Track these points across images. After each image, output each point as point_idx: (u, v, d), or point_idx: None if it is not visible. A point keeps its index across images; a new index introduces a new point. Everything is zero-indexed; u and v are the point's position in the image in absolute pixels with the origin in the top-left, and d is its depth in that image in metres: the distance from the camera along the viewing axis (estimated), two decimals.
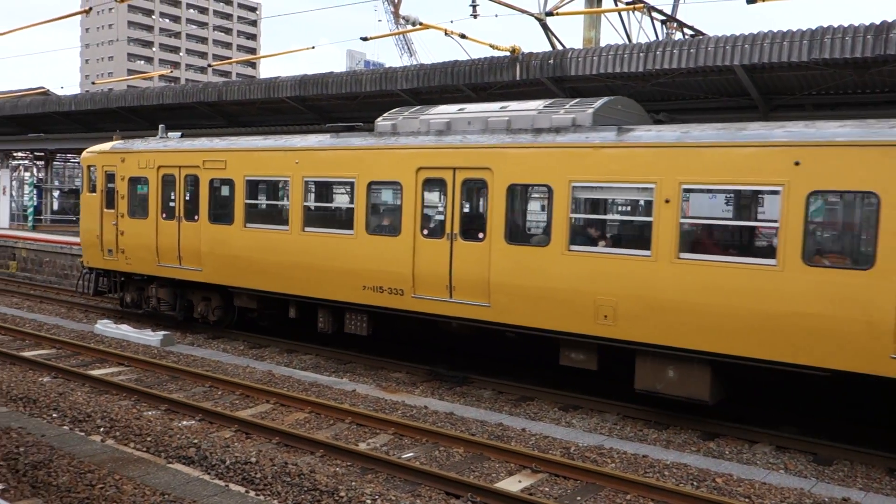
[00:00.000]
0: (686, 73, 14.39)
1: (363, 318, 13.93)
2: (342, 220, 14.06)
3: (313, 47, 23.58)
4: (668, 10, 21.82)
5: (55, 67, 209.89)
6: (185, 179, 16.24)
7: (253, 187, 15.26)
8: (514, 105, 12.50)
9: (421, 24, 15.88)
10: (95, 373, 13.03)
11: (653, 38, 20.26)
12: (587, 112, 11.46)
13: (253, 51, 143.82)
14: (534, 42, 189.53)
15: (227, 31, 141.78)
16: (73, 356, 14.49)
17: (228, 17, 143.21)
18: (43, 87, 33.35)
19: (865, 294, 9.09)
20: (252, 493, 8.10)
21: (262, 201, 15.54)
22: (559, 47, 18.12)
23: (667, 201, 10.32)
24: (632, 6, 17.11)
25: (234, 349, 15.69)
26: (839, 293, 9.24)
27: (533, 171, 11.59)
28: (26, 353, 14.21)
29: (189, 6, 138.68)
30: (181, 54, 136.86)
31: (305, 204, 14.24)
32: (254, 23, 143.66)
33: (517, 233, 12.13)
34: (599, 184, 11.10)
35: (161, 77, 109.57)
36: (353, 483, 8.47)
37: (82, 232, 18.75)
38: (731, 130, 10.16)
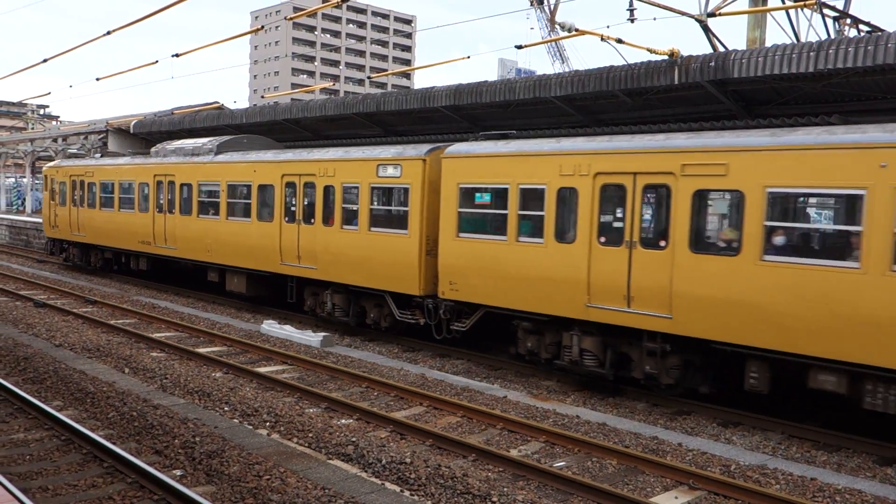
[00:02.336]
0: (862, 73, 13.42)
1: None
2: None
3: (468, 57, 23.90)
4: (841, 6, 20.45)
5: (227, 83, 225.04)
6: (86, 184, 26.91)
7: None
8: None
9: (577, 30, 15.72)
10: (262, 370, 13.81)
11: (823, 36, 19.06)
12: None
13: (408, 62, 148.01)
14: (694, 45, 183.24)
15: (384, 44, 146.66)
16: (242, 353, 15.43)
17: (385, 30, 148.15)
18: (217, 102, 35.75)
19: None
20: (407, 493, 8.29)
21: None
22: (721, 49, 17.41)
23: None
24: (801, 3, 16.17)
25: (388, 352, 16.15)
26: None
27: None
28: (201, 350, 15.28)
29: (349, 21, 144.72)
30: (341, 67, 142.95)
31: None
32: (409, 35, 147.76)
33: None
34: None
35: (322, 90, 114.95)
36: (505, 489, 8.49)
37: (43, 216, 30.51)
38: None
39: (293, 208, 18.28)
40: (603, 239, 12.45)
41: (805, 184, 10.42)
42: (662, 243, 11.71)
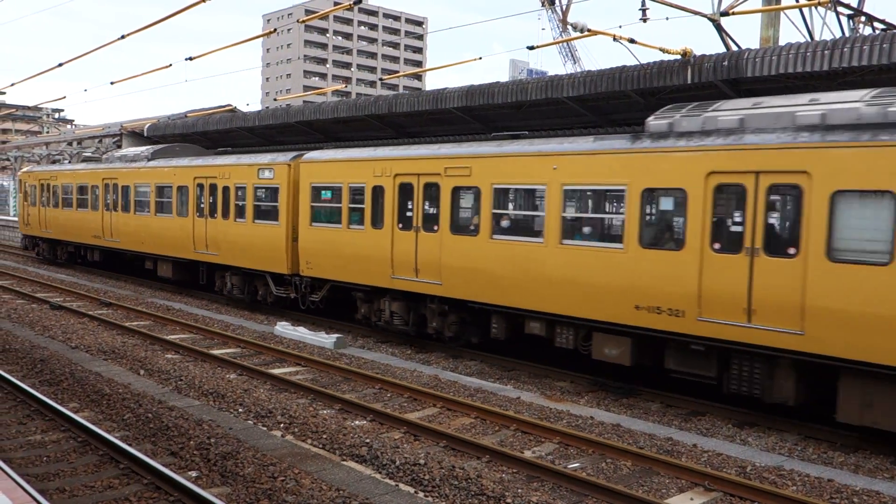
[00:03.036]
0: (878, 71, 13.33)
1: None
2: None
3: (480, 58, 23.89)
4: (855, 4, 20.32)
5: (240, 86, 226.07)
6: (50, 186, 30.87)
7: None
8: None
9: (589, 30, 15.68)
10: (276, 371, 13.85)
11: (838, 34, 18.94)
12: None
13: (419, 64, 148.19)
14: (707, 44, 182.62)
15: (396, 45, 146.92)
16: (256, 355, 15.48)
17: (396, 32, 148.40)
18: (230, 105, 35.91)
19: None
20: (421, 494, 8.30)
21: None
22: (734, 48, 17.33)
23: None
24: (815, 1, 16.06)
25: (401, 353, 16.16)
26: None
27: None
28: (215, 351, 15.34)
29: (360, 23, 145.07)
30: (352, 69, 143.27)
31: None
32: (420, 37, 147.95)
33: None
34: None
35: (334, 92, 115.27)
36: (520, 490, 8.48)
37: (18, 215, 34.41)
38: None
39: (202, 205, 21.95)
40: (400, 225, 15.85)
41: (514, 181, 14.07)
42: (436, 227, 15.14)
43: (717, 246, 11.18)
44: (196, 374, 13.46)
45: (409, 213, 15.71)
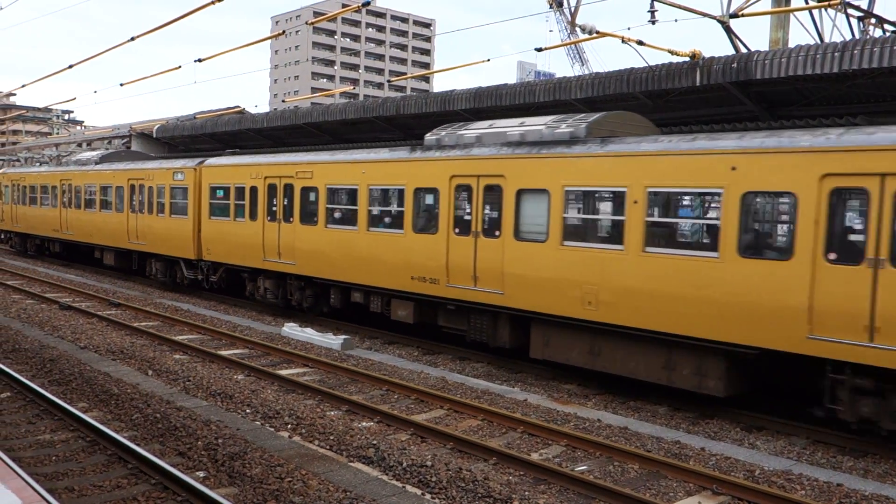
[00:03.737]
0: (888, 73, 13.29)
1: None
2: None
3: (488, 60, 23.89)
4: (865, 6, 20.24)
5: (248, 87, 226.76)
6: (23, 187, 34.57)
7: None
8: None
9: (598, 32, 15.67)
10: (283, 372, 13.87)
11: (848, 36, 18.88)
12: None
13: (427, 65, 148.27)
14: (716, 46, 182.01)
15: (403, 47, 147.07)
16: (263, 356, 15.51)
17: (404, 33, 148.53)
18: (239, 106, 35.97)
19: None
20: (428, 496, 8.30)
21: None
22: (743, 50, 17.30)
23: None
24: (825, 3, 16.00)
25: (408, 354, 16.17)
26: None
27: None
28: (223, 352, 15.38)
29: (368, 25, 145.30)
30: (360, 71, 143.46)
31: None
32: (428, 39, 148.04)
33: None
34: None
35: (342, 94, 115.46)
36: (527, 493, 8.47)
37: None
38: None
39: (134, 203, 25.73)
40: (269, 218, 19.53)
41: (340, 182, 17.55)
42: (291, 219, 18.89)
43: (457, 230, 14.83)
44: (204, 375, 13.49)
45: (273, 208, 19.53)
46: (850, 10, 18.69)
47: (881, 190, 9.78)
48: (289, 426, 10.74)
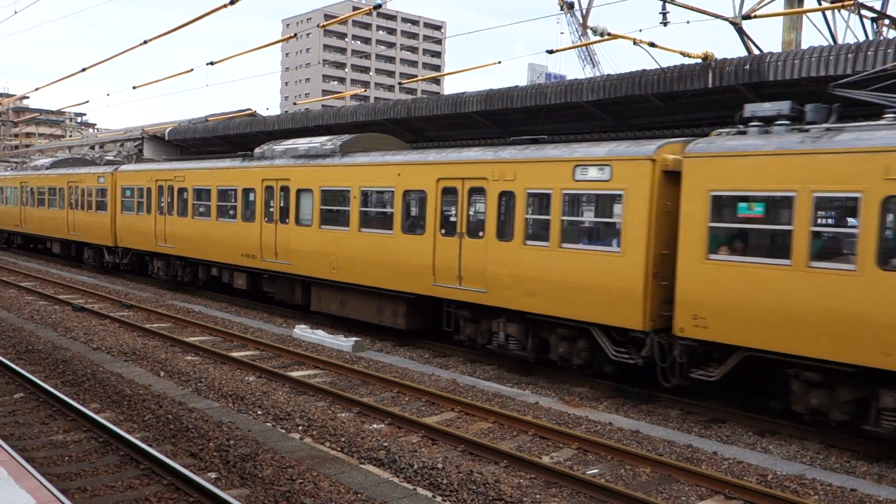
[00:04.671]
0: None
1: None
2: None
3: (499, 62, 23.88)
4: (879, 7, 20.11)
5: (260, 90, 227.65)
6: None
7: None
8: None
9: (609, 34, 15.65)
10: (294, 374, 13.89)
11: (861, 38, 18.76)
12: None
13: (438, 68, 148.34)
14: (728, 48, 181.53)
15: (414, 50, 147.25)
16: (275, 358, 15.54)
17: (415, 36, 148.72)
18: (250, 109, 36.10)
19: None
20: (439, 499, 8.29)
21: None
22: (756, 52, 17.22)
23: None
24: (838, 4, 15.91)
25: (419, 357, 16.17)
26: None
27: None
28: (235, 354, 15.42)
29: (379, 28, 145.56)
30: (371, 74, 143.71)
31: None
32: (439, 41, 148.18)
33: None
34: None
35: (352, 96, 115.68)
36: (538, 496, 8.45)
37: None
38: None
39: (72, 201, 30.90)
40: (159, 212, 24.36)
41: (201, 184, 22.87)
42: (172, 213, 23.99)
43: (266, 219, 19.95)
44: (216, 376, 13.53)
45: (162, 204, 24.75)
46: (863, 11, 18.58)
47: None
48: (300, 428, 10.75)
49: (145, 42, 20.16)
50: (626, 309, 12.19)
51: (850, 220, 10.14)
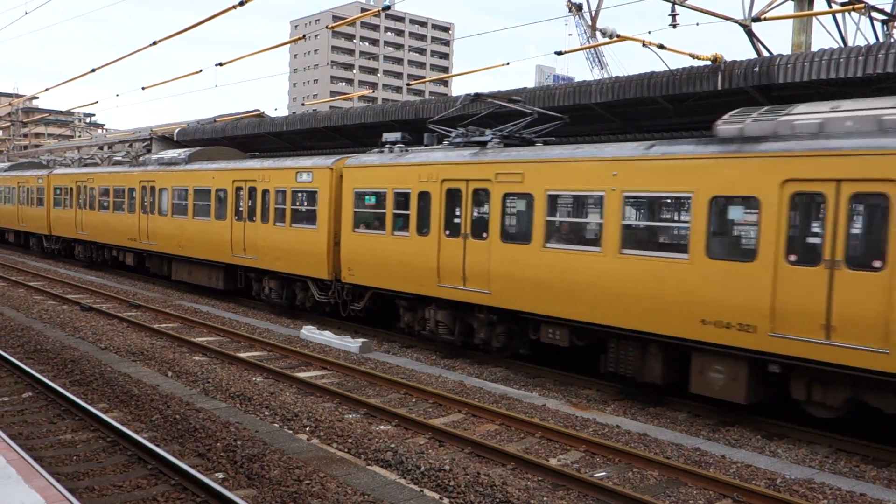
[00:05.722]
0: None
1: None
2: None
3: (508, 63, 23.88)
4: (889, 9, 20.02)
5: (268, 91, 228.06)
6: None
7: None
8: None
9: (618, 36, 15.62)
10: (301, 375, 13.90)
11: (872, 40, 18.69)
12: None
13: (445, 69, 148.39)
14: (738, 50, 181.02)
15: (422, 51, 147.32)
16: (282, 358, 15.56)
17: (423, 38, 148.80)
18: (258, 110, 36.19)
19: None
20: (446, 501, 8.28)
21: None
22: (765, 54, 17.16)
23: None
24: (849, 7, 15.84)
25: (426, 359, 16.16)
26: None
27: None
28: (242, 354, 15.44)
29: (387, 29, 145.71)
30: (378, 75, 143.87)
31: None
32: (446, 43, 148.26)
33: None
34: None
35: (360, 98, 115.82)
36: (545, 498, 8.43)
37: None
38: None
39: (21, 198, 37.20)
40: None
41: (112, 184, 28.45)
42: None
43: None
44: (223, 377, 13.55)
45: (80, 200, 30.55)
46: (873, 14, 18.51)
47: (243, 188, 21.76)
48: (307, 428, 10.75)
49: (154, 43, 20.23)
50: (318, 265, 18.80)
51: (406, 207, 16.42)
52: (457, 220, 15.16)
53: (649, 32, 16.87)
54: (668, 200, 12.17)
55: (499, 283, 14.19)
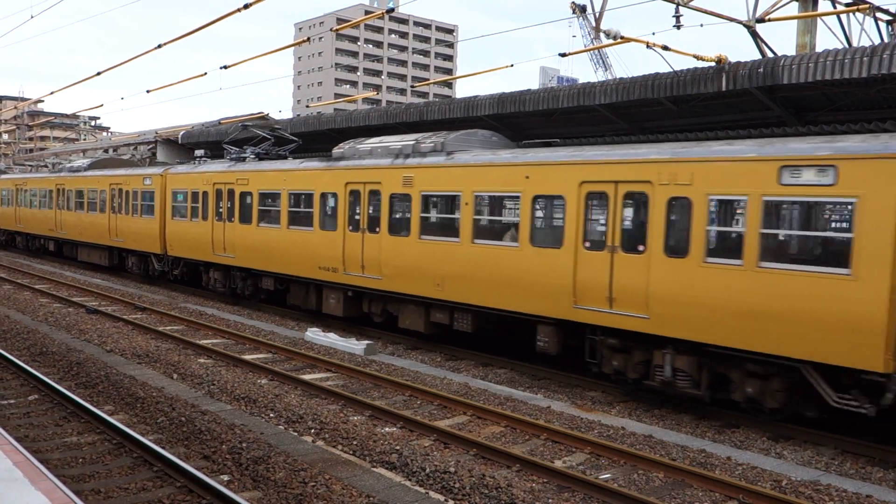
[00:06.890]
0: None
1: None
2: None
3: (512, 65, 23.89)
4: (894, 10, 19.97)
5: (272, 93, 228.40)
6: None
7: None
8: None
9: (622, 37, 15.59)
10: (306, 377, 13.91)
11: (877, 40, 18.65)
12: None
13: (449, 71, 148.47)
14: (742, 51, 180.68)
15: (426, 53, 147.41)
16: (287, 361, 15.57)
17: (427, 40, 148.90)
18: (263, 112, 36.23)
19: None
20: (451, 503, 8.28)
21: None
22: (770, 55, 17.13)
23: None
24: (853, 7, 15.79)
25: (431, 360, 16.16)
26: None
27: None
28: (247, 357, 15.46)
29: (391, 31, 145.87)
30: (383, 77, 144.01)
31: None
32: (451, 45, 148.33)
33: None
34: None
35: (364, 100, 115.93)
36: (550, 500, 8.43)
37: None
38: None
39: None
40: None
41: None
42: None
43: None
44: (228, 379, 13.57)
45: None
46: (878, 14, 18.47)
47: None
48: (312, 431, 10.77)
49: (159, 46, 20.25)
50: (155, 244, 26.36)
51: (196, 202, 23.96)
52: (220, 210, 22.65)
53: (653, 34, 16.87)
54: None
55: (242, 252, 21.68)
